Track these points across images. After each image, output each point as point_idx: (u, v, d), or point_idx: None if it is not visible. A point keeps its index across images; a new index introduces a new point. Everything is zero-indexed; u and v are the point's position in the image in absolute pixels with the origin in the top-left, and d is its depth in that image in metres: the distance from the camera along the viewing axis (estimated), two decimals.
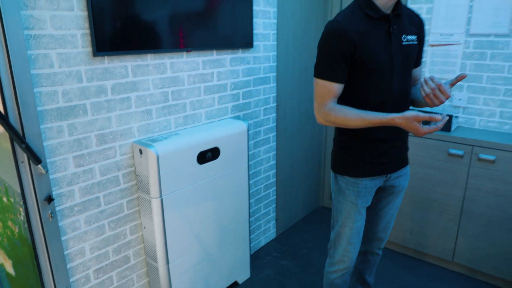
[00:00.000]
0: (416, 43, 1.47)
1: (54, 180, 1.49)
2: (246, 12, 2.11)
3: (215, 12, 1.93)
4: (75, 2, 1.41)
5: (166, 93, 1.83)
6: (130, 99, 1.68)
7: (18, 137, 1.31)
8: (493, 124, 2.38)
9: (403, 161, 1.59)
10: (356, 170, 1.52)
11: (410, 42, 1.45)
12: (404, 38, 1.42)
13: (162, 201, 1.75)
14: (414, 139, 2.35)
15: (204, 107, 2.05)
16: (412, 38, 1.45)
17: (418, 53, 1.53)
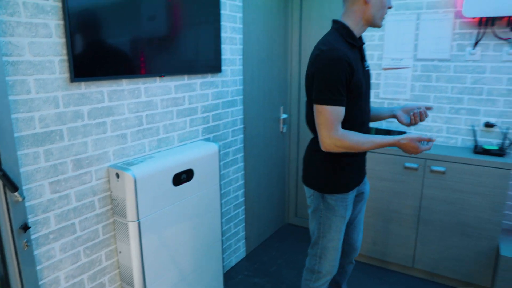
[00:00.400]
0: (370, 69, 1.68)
1: (29, 207, 1.45)
2: (215, 38, 2.21)
3: (187, 39, 2.01)
4: (53, 29, 1.43)
5: (140, 117, 1.86)
6: (106, 124, 1.69)
7: None
8: (441, 138, 2.63)
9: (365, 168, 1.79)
10: (345, 187, 1.62)
11: (368, 68, 1.65)
12: (366, 64, 1.61)
13: (139, 224, 1.75)
14: (371, 154, 2.54)
15: (176, 130, 2.09)
16: (368, 64, 1.66)
17: None
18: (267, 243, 3.15)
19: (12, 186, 1.34)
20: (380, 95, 2.77)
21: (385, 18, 2.61)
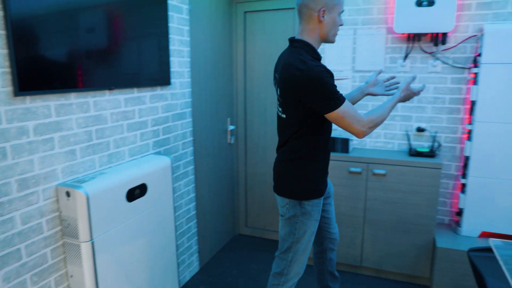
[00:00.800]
0: None
1: None
2: (163, 51, 2.20)
3: (136, 51, 1.98)
4: None
5: (90, 132, 1.78)
6: (53, 140, 1.59)
7: None
8: (380, 144, 2.84)
9: None
10: (319, 192, 1.72)
11: None
12: None
13: (93, 244, 1.66)
14: None
15: (127, 145, 2.03)
16: None
17: None
18: (220, 255, 3.13)
19: None
20: None
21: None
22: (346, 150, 2.68)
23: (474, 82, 2.43)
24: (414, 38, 2.60)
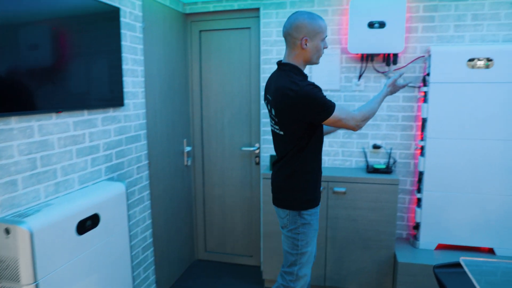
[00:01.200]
0: None
1: None
2: (116, 70, 2.07)
3: (86, 71, 1.84)
4: None
5: (33, 159, 1.60)
6: None
7: None
8: (338, 161, 2.87)
9: None
10: (316, 201, 1.84)
11: None
12: None
13: (37, 287, 1.47)
14: None
15: (76, 171, 1.86)
16: None
17: None
18: (179, 284, 2.96)
19: None
20: None
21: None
22: None
23: (424, 100, 2.54)
24: (367, 58, 2.68)
